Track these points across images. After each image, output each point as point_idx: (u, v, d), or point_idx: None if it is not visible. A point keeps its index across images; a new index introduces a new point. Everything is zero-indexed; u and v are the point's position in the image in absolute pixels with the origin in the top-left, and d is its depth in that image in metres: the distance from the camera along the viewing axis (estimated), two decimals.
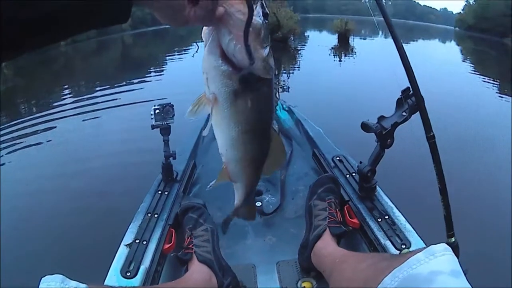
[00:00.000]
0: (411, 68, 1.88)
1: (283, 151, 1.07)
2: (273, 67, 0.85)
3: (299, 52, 19.46)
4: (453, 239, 2.01)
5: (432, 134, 1.92)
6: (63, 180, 5.17)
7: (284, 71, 13.38)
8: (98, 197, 4.56)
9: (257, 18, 0.78)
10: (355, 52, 19.70)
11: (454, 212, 2.02)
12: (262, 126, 0.94)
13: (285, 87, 10.13)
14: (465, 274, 1.04)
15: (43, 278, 1.14)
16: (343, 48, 21.82)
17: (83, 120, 8.43)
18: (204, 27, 0.84)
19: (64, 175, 5.39)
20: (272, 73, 0.85)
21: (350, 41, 23.93)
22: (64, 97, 11.60)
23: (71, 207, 4.38)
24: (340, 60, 17.47)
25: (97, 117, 8.55)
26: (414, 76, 1.89)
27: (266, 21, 0.83)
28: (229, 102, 0.84)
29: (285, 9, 22.67)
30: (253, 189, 1.17)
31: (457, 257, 1.09)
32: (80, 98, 10.62)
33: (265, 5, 0.83)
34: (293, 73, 13.23)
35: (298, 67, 14.64)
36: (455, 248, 1.11)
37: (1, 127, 8.39)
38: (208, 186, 1.11)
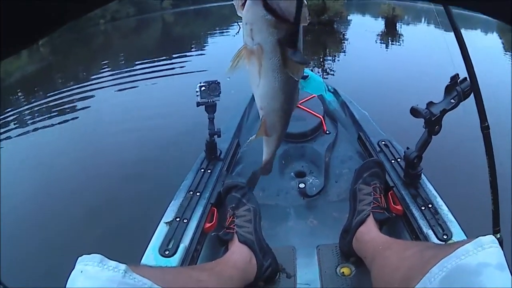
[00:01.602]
0: (468, 53, 1.84)
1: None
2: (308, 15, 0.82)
3: (345, 36, 19.11)
4: (498, 235, 1.98)
5: (487, 124, 1.88)
6: (100, 155, 5.22)
7: (329, 57, 13.23)
8: (139, 173, 4.60)
9: None
10: (403, 40, 19.29)
11: (501, 208, 1.99)
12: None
13: (330, 72, 10.02)
14: None
15: (80, 258, 1.13)
16: (390, 34, 21.16)
17: (119, 90, 8.49)
18: None
19: (101, 149, 5.45)
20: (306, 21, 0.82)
21: (397, 27, 23.36)
22: (103, 72, 11.69)
23: (108, 184, 4.42)
24: (387, 47, 17.14)
25: (136, 88, 8.63)
26: (471, 62, 1.85)
27: None
28: (275, 50, 0.83)
29: None
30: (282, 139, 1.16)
31: None
32: (119, 72, 10.69)
33: None
34: (339, 59, 13.03)
35: (344, 53, 14.41)
36: (500, 245, 1.10)
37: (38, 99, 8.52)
38: (247, 142, 1.11)
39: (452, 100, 1.95)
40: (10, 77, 11.63)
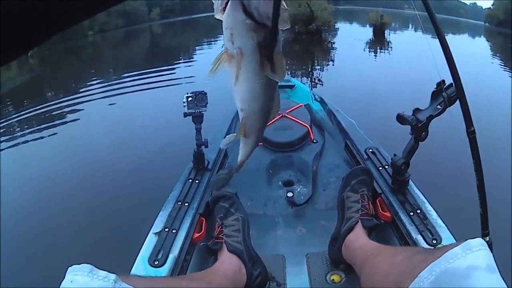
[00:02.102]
0: (452, 58, 1.85)
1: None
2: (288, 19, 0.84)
3: (333, 45, 19.18)
4: (487, 238, 1.99)
5: (472, 129, 1.89)
6: (89, 166, 5.21)
7: (317, 66, 13.25)
8: (126, 183, 4.59)
9: None
10: (391, 47, 19.37)
11: (491, 211, 2.00)
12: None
13: (318, 82, 10.04)
14: None
15: (69, 268, 1.13)
16: (378, 42, 21.38)
17: (110, 104, 8.50)
18: None
19: (90, 160, 5.44)
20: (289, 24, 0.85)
21: (386, 35, 23.45)
22: (92, 83, 11.69)
23: (97, 195, 4.41)
24: (375, 55, 17.19)
25: (125, 99, 8.65)
26: (456, 67, 1.86)
27: None
28: (254, 54, 0.84)
29: None
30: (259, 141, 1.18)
31: None
32: (108, 83, 10.71)
33: None
34: (327, 69, 13.04)
35: (332, 62, 14.44)
36: (489, 247, 1.11)
37: (26, 111, 8.52)
38: (226, 142, 1.11)
39: (439, 106, 1.96)
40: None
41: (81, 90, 10.62)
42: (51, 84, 12.76)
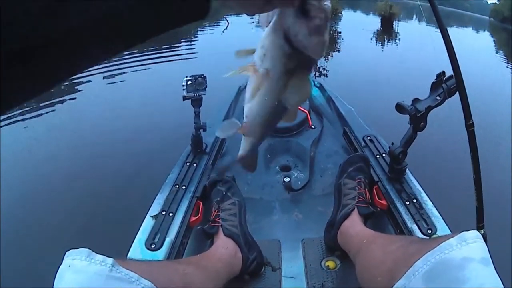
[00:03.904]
0: (453, 50, 1.86)
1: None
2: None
3: (339, 35, 18.88)
4: (482, 231, 2.00)
5: (471, 122, 1.90)
6: (85, 148, 5.19)
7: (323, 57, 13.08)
8: (124, 166, 4.58)
9: (327, 3, 0.75)
10: (399, 38, 19.12)
11: (486, 204, 2.01)
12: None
13: (323, 71, 9.96)
14: None
15: (67, 252, 1.13)
16: (386, 32, 20.96)
17: (108, 84, 8.46)
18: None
19: (87, 142, 5.41)
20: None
21: (394, 26, 22.81)
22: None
23: (95, 178, 4.38)
24: (382, 46, 16.96)
25: (125, 78, 8.60)
26: (456, 58, 1.86)
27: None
28: (281, 79, 0.82)
29: None
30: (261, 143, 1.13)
31: None
32: (108, 65, 10.64)
33: None
34: (332, 57, 12.91)
35: (338, 51, 14.25)
36: (484, 240, 1.12)
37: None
38: (222, 134, 1.10)
39: (438, 97, 1.97)
40: None
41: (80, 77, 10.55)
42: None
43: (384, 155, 2.42)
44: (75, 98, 7.58)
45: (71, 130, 5.98)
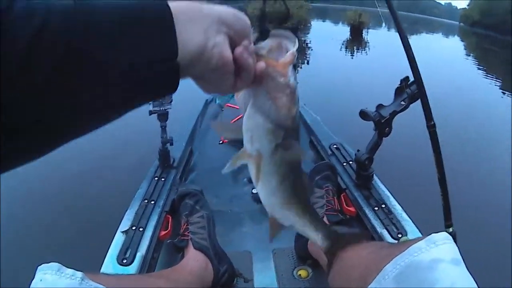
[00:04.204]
0: (413, 54, 1.90)
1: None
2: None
3: (308, 45, 18.83)
4: (451, 229, 2.02)
5: (433, 123, 1.94)
6: (54, 165, 5.15)
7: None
8: (93, 181, 4.54)
9: (292, 79, 0.82)
10: (368, 47, 19.25)
11: (452, 203, 2.04)
12: (296, 169, 0.98)
13: None
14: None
15: (39, 267, 1.14)
16: (356, 41, 21.26)
17: None
18: None
19: (53, 158, 5.35)
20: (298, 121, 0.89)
21: (363, 34, 23.25)
22: None
23: (63, 192, 4.34)
24: (352, 55, 17.05)
25: None
26: (416, 63, 1.90)
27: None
28: (273, 156, 0.87)
29: None
30: (313, 213, 1.22)
31: None
32: None
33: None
34: (302, 69, 12.91)
35: (307, 62, 14.25)
36: (453, 238, 1.14)
37: None
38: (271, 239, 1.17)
39: (402, 102, 2.00)
40: None
41: None
42: None
43: (351, 162, 2.45)
44: None
45: None
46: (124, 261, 1.78)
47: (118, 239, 1.91)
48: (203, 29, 0.63)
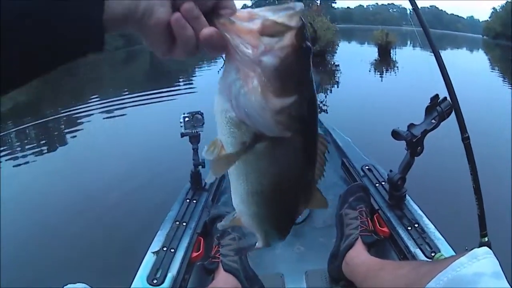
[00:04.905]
0: (446, 72, 1.90)
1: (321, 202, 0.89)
2: (301, 120, 0.66)
3: (337, 67, 18.49)
4: (486, 238, 2.00)
5: (467, 135, 1.94)
6: (86, 185, 5.21)
7: (321, 91, 12.96)
8: (125, 203, 4.59)
9: (274, 54, 0.61)
10: (397, 67, 18.87)
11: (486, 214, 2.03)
12: (283, 187, 0.76)
13: (323, 106, 9.92)
14: None
15: (65, 287, 1.14)
16: (384, 62, 20.82)
17: (107, 118, 8.55)
18: None
19: (87, 180, 5.44)
20: (296, 127, 0.66)
21: (391, 54, 22.69)
22: (92, 101, 11.69)
23: (95, 214, 4.39)
24: (381, 76, 16.88)
25: (124, 117, 8.76)
26: (449, 78, 1.90)
27: (306, 59, 0.64)
28: (237, 155, 0.68)
29: (321, 18, 21.19)
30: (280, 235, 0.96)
31: None
32: (108, 102, 10.71)
33: (305, 36, 0.63)
34: (331, 91, 12.80)
35: (337, 85, 14.11)
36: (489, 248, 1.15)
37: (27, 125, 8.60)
38: (219, 225, 1.00)
39: (433, 121, 1.98)
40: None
41: (81, 106, 10.63)
42: (52, 103, 12.72)
43: (383, 183, 2.43)
44: (75, 136, 7.68)
45: (72, 167, 6.05)
46: (155, 281, 1.78)
47: (149, 260, 1.91)
48: None
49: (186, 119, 2.37)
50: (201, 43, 0.63)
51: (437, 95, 1.98)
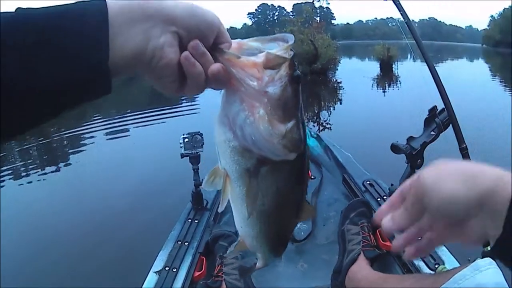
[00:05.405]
0: (441, 82, 1.90)
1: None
2: (301, 140, 0.71)
3: (340, 85, 18.42)
4: (489, 247, 1.99)
5: (465, 145, 1.93)
6: (89, 206, 5.22)
7: (324, 109, 12.94)
8: (125, 223, 4.61)
9: (277, 85, 0.66)
10: (400, 81, 18.90)
11: None
12: (283, 205, 0.79)
13: (327, 126, 9.89)
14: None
15: None
16: (387, 77, 20.77)
17: (110, 139, 8.59)
18: None
19: (88, 199, 5.47)
20: (298, 148, 0.70)
21: (393, 68, 22.59)
22: (94, 122, 11.73)
23: (96, 233, 4.39)
24: (384, 91, 16.94)
25: (127, 142, 8.75)
26: (444, 89, 1.90)
27: (297, 86, 0.69)
28: (241, 181, 0.73)
29: (322, 35, 21.45)
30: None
31: None
32: (111, 122, 10.76)
33: (296, 64, 0.68)
34: (334, 109, 12.79)
35: (340, 102, 14.16)
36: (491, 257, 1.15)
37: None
38: (228, 252, 1.03)
39: (432, 132, 1.99)
40: None
41: (84, 126, 10.68)
42: (54, 123, 12.79)
43: (385, 197, 2.43)
44: (78, 156, 7.76)
45: (75, 187, 6.09)
46: None
47: (151, 279, 1.92)
48: (143, 30, 0.59)
49: (186, 140, 2.38)
50: (210, 79, 0.65)
51: (435, 107, 1.98)
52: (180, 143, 2.40)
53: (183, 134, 2.40)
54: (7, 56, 0.48)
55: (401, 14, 2.10)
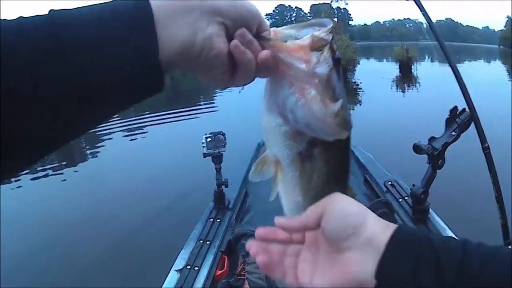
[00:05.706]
0: (463, 82, 1.89)
1: None
2: (350, 122, 0.71)
3: (359, 86, 17.90)
4: (510, 247, 1.98)
5: (487, 145, 1.92)
6: (108, 204, 5.23)
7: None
8: (147, 222, 4.62)
9: (324, 66, 0.66)
10: (419, 82, 18.56)
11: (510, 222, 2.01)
12: (334, 186, 0.75)
13: None
14: None
15: None
16: (406, 78, 20.39)
17: (127, 137, 8.76)
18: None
19: (109, 198, 5.48)
20: (349, 130, 0.71)
21: (413, 70, 22.20)
22: (112, 121, 11.74)
23: (118, 233, 4.39)
24: (403, 92, 16.77)
25: (146, 137, 9.02)
26: (467, 89, 1.89)
27: (338, 68, 0.69)
28: (294, 165, 0.72)
29: (340, 36, 21.14)
30: None
31: None
32: (129, 121, 10.77)
33: (335, 48, 0.69)
34: (353, 110, 12.66)
35: (360, 104, 14.02)
36: None
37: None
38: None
39: (453, 133, 1.98)
40: None
41: (101, 127, 10.71)
42: None
43: (406, 198, 2.43)
44: (96, 155, 7.75)
45: (93, 186, 6.09)
46: None
47: (172, 277, 1.93)
48: (189, 22, 0.58)
49: (209, 139, 2.39)
50: (260, 66, 0.64)
51: (455, 107, 1.97)
52: (203, 143, 2.41)
53: (206, 134, 2.41)
54: (74, 55, 0.49)
55: (423, 15, 2.09)
